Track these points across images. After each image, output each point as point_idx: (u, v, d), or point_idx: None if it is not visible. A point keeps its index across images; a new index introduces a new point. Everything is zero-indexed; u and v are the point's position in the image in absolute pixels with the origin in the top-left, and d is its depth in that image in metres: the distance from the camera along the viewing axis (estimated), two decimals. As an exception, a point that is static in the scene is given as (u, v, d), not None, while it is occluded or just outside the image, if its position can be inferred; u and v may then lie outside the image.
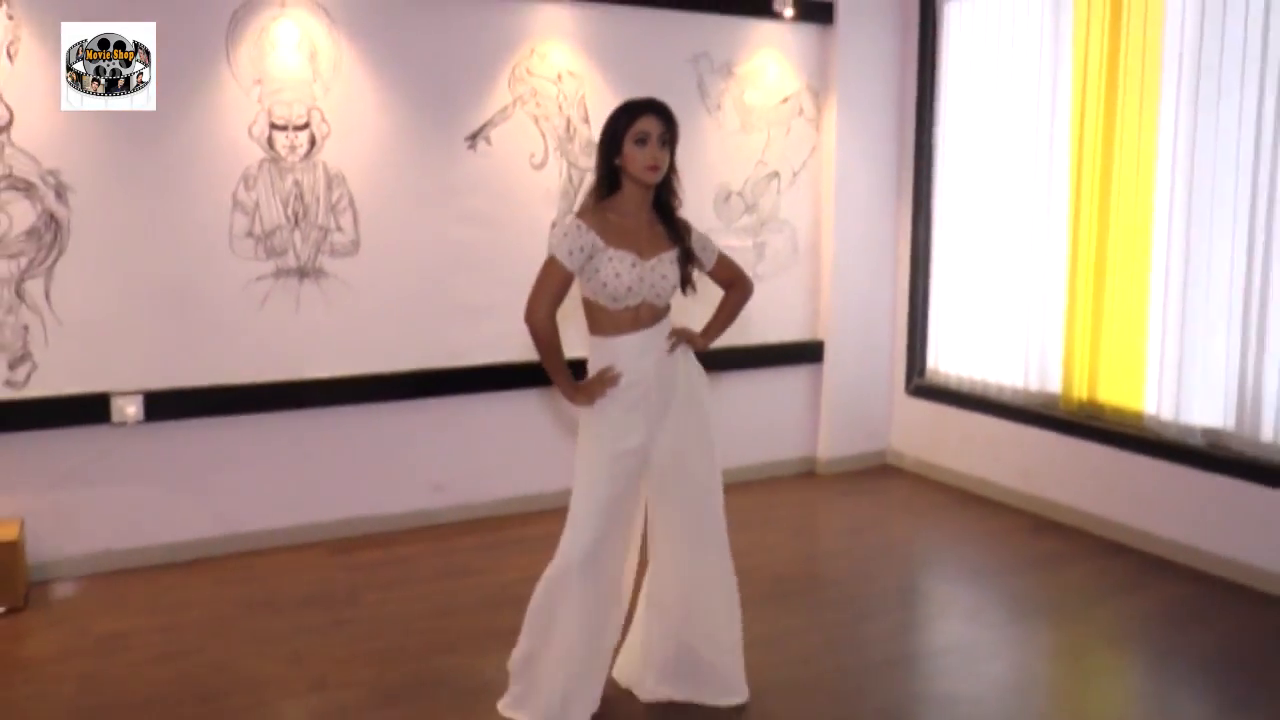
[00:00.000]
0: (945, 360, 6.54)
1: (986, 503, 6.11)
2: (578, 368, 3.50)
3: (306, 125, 5.18)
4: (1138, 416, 5.33)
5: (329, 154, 5.24)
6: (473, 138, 5.56)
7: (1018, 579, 5.03)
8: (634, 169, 3.36)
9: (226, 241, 5.09)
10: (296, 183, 5.18)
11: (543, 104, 5.69)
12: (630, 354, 3.46)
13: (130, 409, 4.93)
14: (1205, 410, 5.00)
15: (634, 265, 3.38)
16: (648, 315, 3.48)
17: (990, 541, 5.53)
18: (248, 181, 5.10)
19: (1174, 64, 5.03)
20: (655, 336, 3.50)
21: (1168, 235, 5.10)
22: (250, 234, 5.13)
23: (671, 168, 3.45)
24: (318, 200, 5.24)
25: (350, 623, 4.48)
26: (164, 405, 5.01)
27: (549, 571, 3.52)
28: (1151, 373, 5.23)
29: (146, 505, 5.10)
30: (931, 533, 5.77)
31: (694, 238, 3.58)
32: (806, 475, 6.72)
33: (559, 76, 5.72)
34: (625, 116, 3.38)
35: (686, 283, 3.55)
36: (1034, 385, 5.90)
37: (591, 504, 3.46)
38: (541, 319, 3.38)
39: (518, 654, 3.63)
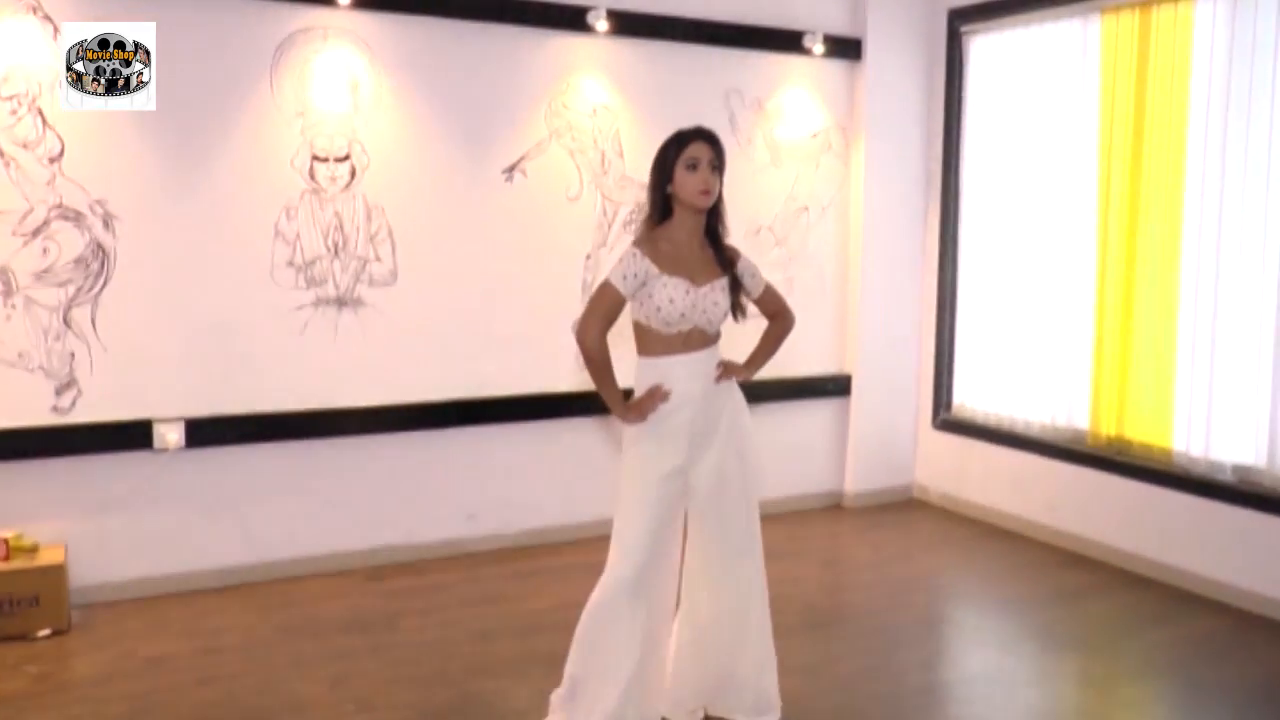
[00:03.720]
0: (971, 395, 6.67)
1: (1012, 536, 6.23)
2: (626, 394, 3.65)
3: (347, 157, 5.35)
4: (1166, 453, 5.43)
5: (368, 185, 5.41)
6: (510, 170, 5.73)
7: (1046, 611, 5.15)
8: (686, 194, 3.52)
9: (268, 271, 5.26)
10: (337, 213, 5.35)
11: (578, 138, 5.87)
12: (679, 375, 3.60)
13: (172, 436, 5.08)
14: (1236, 446, 5.11)
15: (687, 292, 3.53)
16: (698, 340, 3.62)
17: (1017, 574, 5.65)
18: (289, 212, 5.26)
19: (1202, 94, 5.17)
20: (704, 361, 3.64)
21: (1196, 269, 5.22)
22: (291, 264, 5.30)
23: (720, 197, 3.61)
24: (357, 230, 5.40)
25: (389, 648, 4.60)
26: (205, 432, 5.17)
27: (597, 595, 3.63)
28: (1181, 409, 5.34)
29: (186, 531, 5.25)
30: (959, 565, 5.90)
31: (741, 264, 3.73)
32: (833, 508, 6.85)
33: (594, 110, 5.90)
34: (676, 144, 3.54)
35: (737, 309, 3.70)
36: (1061, 421, 6.02)
37: (640, 524, 3.58)
38: (593, 339, 3.55)
39: (565, 682, 3.72)
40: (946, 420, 6.80)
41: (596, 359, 3.57)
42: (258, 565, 5.40)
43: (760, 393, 6.20)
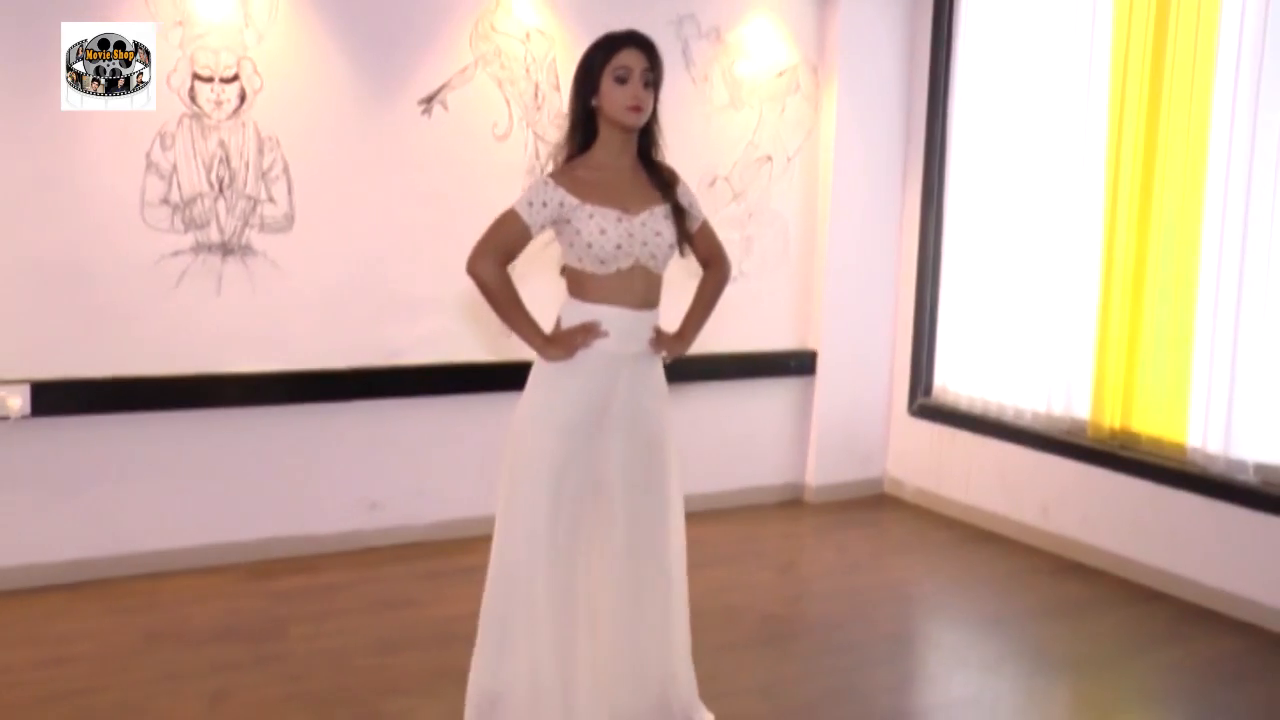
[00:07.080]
0: (954, 378, 6.64)
1: (999, 540, 6.22)
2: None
3: (236, 78, 5.20)
4: (1180, 448, 5.41)
5: (261, 112, 5.27)
6: (427, 101, 5.60)
7: (1037, 627, 5.14)
8: (613, 109, 3.42)
9: (137, 209, 5.10)
10: (222, 144, 5.21)
11: (508, 65, 5.75)
12: (615, 327, 3.49)
13: (14, 401, 4.92)
14: (1259, 443, 5.08)
15: (620, 220, 3.44)
16: (640, 286, 3.50)
17: (1004, 584, 5.64)
18: (165, 140, 5.12)
19: (1232, 39, 5.09)
20: (645, 323, 3.55)
21: (1220, 239, 5.16)
22: (166, 201, 5.15)
23: (654, 115, 3.51)
24: (246, 166, 5.26)
25: (277, 659, 4.49)
26: (54, 398, 5.00)
27: (491, 585, 3.56)
28: (1197, 398, 5.29)
29: (27, 516, 5.08)
30: (937, 573, 5.88)
31: (681, 189, 3.62)
32: (793, 504, 6.80)
33: (527, 35, 5.78)
34: (603, 50, 3.44)
35: (685, 240, 3.58)
36: (1058, 409, 5.99)
37: (545, 496, 3.49)
38: (486, 268, 3.45)
39: (471, 696, 3.60)
40: (925, 406, 6.77)
41: (494, 287, 3.49)
42: (117, 558, 5.25)
43: (710, 370, 6.27)
